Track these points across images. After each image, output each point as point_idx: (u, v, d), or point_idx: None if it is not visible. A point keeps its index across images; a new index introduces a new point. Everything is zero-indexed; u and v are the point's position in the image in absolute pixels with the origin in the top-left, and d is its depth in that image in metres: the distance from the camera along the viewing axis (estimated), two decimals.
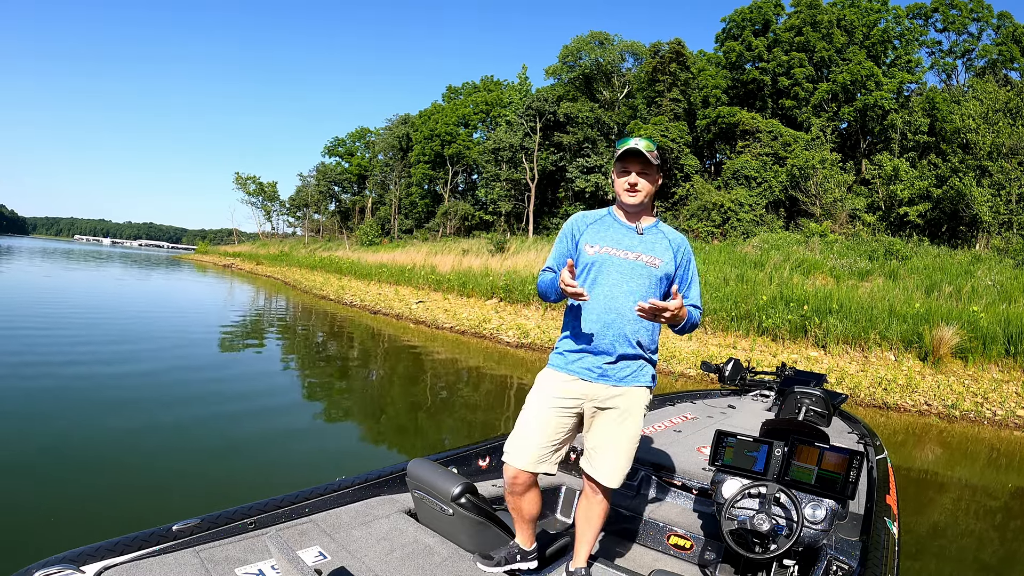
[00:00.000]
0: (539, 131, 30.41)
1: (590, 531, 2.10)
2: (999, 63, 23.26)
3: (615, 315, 2.00)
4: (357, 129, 54.21)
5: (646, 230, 2.10)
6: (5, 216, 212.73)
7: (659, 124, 24.26)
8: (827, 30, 23.62)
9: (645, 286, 2.02)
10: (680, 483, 2.90)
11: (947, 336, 8.90)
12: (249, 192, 59.43)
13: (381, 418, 6.66)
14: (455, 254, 22.73)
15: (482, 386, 8.42)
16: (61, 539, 3.16)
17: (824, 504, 2.18)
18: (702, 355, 9.89)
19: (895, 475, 3.01)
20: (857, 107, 22.69)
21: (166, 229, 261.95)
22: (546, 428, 2.04)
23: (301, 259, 35.20)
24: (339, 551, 1.95)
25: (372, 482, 2.42)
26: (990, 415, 7.76)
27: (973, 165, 18.32)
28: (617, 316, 2.00)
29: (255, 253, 45.90)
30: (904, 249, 15.67)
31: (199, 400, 6.34)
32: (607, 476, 2.03)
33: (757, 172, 22.21)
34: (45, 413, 5.34)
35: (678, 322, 1.96)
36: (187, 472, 4.33)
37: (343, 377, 8.56)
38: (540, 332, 12.17)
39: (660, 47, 26.27)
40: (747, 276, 13.61)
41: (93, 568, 1.59)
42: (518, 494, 2.07)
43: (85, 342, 8.88)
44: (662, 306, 1.85)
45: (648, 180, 2.05)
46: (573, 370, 2.06)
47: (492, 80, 43.05)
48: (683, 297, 2.05)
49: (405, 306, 16.37)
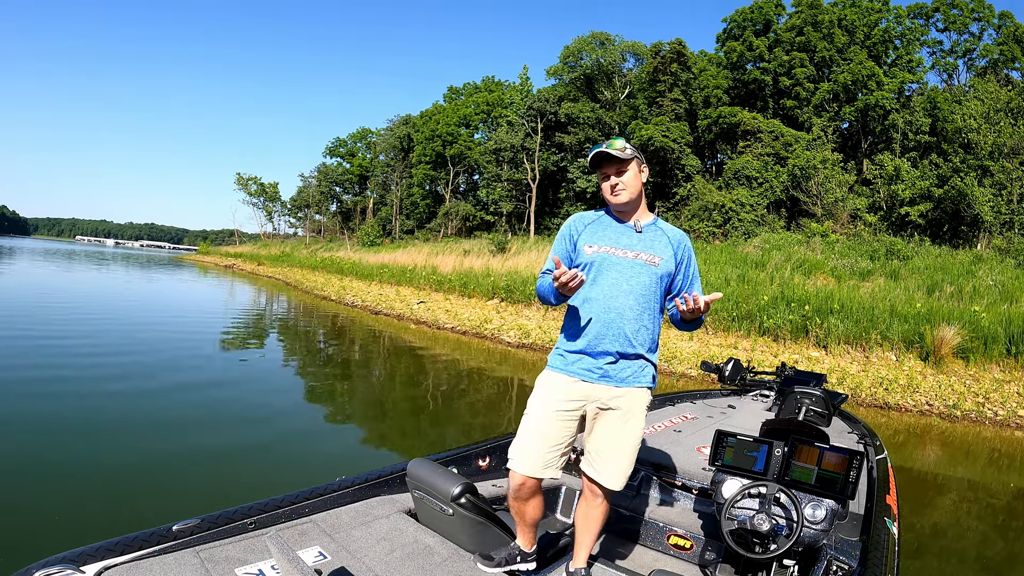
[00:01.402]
0: (540, 131, 30.40)
1: (589, 533, 2.09)
2: (1000, 63, 23.22)
3: (615, 315, 1.99)
4: (358, 130, 54.25)
5: (645, 228, 2.09)
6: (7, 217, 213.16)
7: (660, 124, 24.25)
8: (828, 30, 23.60)
9: (645, 285, 2.00)
10: (680, 483, 2.90)
11: (948, 336, 8.89)
12: (250, 193, 59.47)
13: (382, 418, 6.66)
14: (456, 254, 22.74)
15: (483, 387, 8.42)
16: (61, 539, 3.16)
17: (824, 504, 2.18)
18: (703, 355, 9.88)
19: (896, 475, 3.00)
20: (858, 107, 22.67)
21: (168, 230, 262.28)
22: (550, 433, 2.03)
23: (302, 260, 35.23)
24: (339, 551, 1.95)
25: (372, 482, 2.42)
26: (991, 415, 7.74)
27: (974, 165, 18.30)
28: (617, 316, 1.99)
29: (256, 254, 45.93)
30: (905, 249, 15.65)
31: (200, 400, 6.34)
32: (611, 479, 2.02)
33: (758, 172, 22.19)
34: (46, 413, 5.35)
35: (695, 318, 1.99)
36: (187, 472, 4.34)
37: (344, 377, 8.56)
38: (541, 332, 12.17)
39: (661, 47, 26.25)
40: (748, 276, 13.60)
41: (93, 568, 1.59)
42: (523, 499, 2.06)
43: (86, 342, 8.89)
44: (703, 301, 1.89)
45: (629, 177, 2.02)
46: (573, 372, 2.04)
47: (493, 80, 43.06)
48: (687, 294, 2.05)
49: (406, 306, 16.38)
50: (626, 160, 2.00)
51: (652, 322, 2.05)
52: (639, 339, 2.02)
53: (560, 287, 1.88)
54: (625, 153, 1.99)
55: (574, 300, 2.06)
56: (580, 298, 2.04)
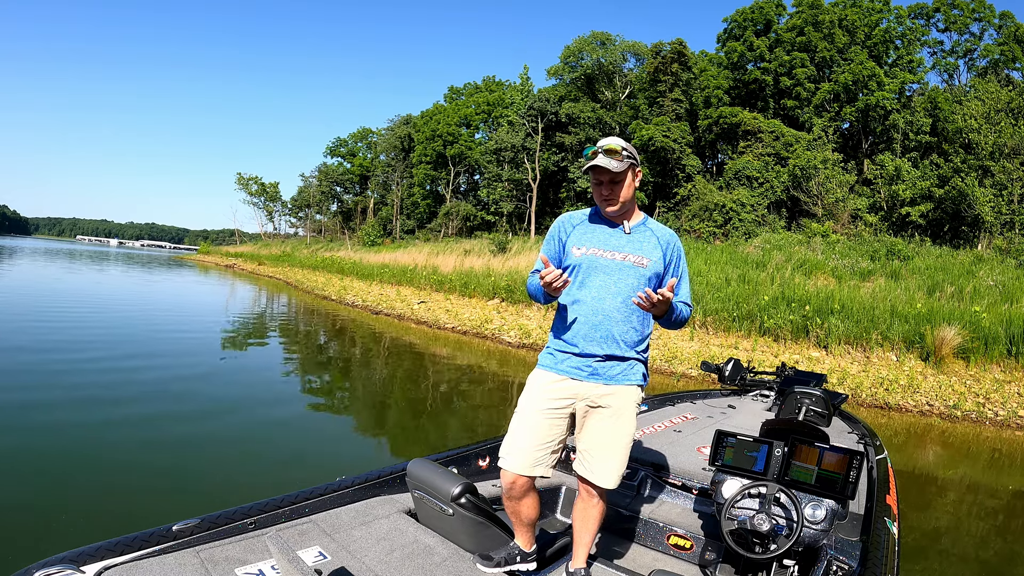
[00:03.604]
0: (541, 131, 30.41)
1: (587, 533, 2.09)
2: (1001, 63, 23.22)
3: (603, 316, 2.00)
4: (359, 129, 54.23)
5: (633, 229, 2.08)
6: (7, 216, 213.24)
7: (661, 124, 24.24)
8: (829, 30, 23.59)
9: (633, 286, 2.01)
10: (680, 483, 2.90)
11: (949, 336, 8.88)
12: (251, 192, 59.46)
13: (382, 418, 6.66)
14: (457, 254, 22.73)
15: (483, 386, 8.42)
16: (61, 539, 3.17)
17: (824, 504, 2.18)
18: (703, 355, 9.87)
19: (896, 475, 3.00)
20: (859, 107, 22.66)
21: (168, 229, 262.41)
22: (539, 431, 2.03)
23: (303, 259, 35.22)
24: (339, 551, 1.95)
25: (372, 482, 2.42)
26: (992, 416, 7.74)
27: (975, 165, 18.29)
28: (605, 318, 2.00)
29: (257, 254, 45.93)
30: (906, 249, 15.65)
31: (200, 400, 6.34)
32: (603, 477, 2.02)
33: (759, 172, 22.19)
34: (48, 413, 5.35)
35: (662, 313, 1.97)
36: (187, 472, 4.34)
37: (345, 377, 8.56)
38: (542, 332, 12.17)
39: (662, 47, 26.24)
40: (749, 276, 13.59)
41: (93, 568, 1.59)
42: (516, 498, 2.06)
43: (87, 341, 8.90)
44: (656, 295, 1.88)
45: (621, 186, 2.01)
46: (563, 370, 2.05)
47: (494, 80, 43.06)
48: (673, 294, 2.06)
49: (407, 306, 16.38)
50: (620, 172, 1.98)
51: (641, 323, 2.06)
52: (628, 340, 2.03)
53: (546, 287, 1.94)
54: (620, 165, 1.96)
55: (563, 300, 2.07)
56: (569, 299, 2.05)
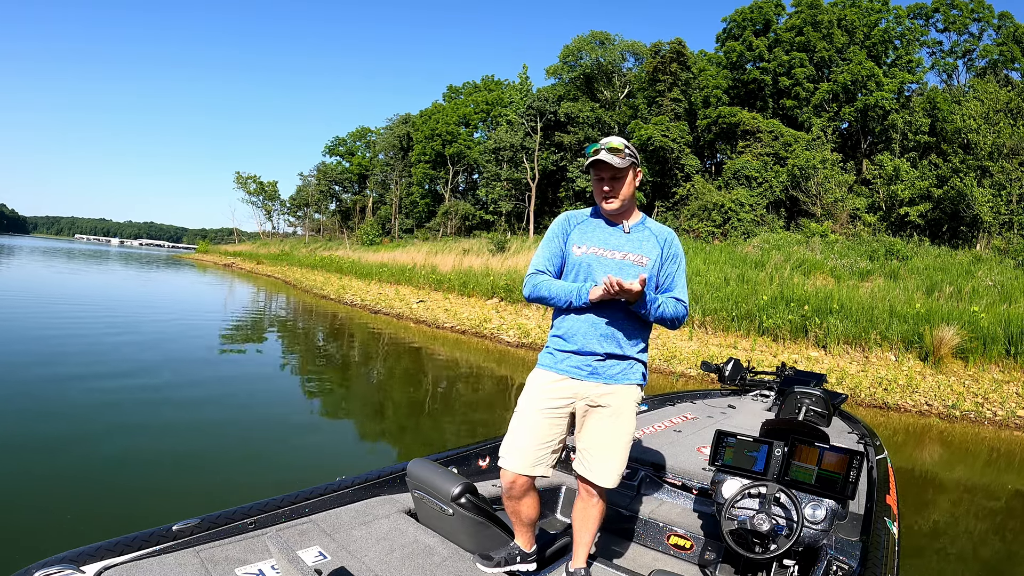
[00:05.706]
0: (540, 131, 30.41)
1: (587, 533, 2.09)
2: (1000, 63, 23.26)
3: (604, 316, 2.00)
4: (358, 129, 54.21)
5: (633, 228, 2.09)
6: (5, 215, 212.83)
7: (660, 124, 24.25)
8: (828, 30, 23.61)
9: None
10: (680, 483, 2.90)
11: (948, 336, 8.90)
12: (249, 191, 59.40)
13: (381, 418, 6.66)
14: (456, 254, 22.72)
15: (483, 386, 8.42)
16: (61, 539, 3.16)
17: (824, 504, 2.18)
18: (702, 355, 9.88)
19: (895, 475, 3.00)
20: (858, 107, 22.69)
21: (167, 228, 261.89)
22: (539, 430, 2.03)
23: (302, 258, 35.18)
24: (339, 551, 1.95)
25: (372, 482, 2.42)
26: (990, 415, 7.75)
27: (974, 165, 18.32)
28: (605, 317, 2.00)
29: (255, 252, 45.89)
30: (905, 249, 15.67)
31: (199, 400, 6.33)
32: (603, 477, 2.02)
33: (758, 172, 22.21)
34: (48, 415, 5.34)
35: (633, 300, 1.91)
36: (187, 472, 4.33)
37: (344, 377, 8.56)
38: (540, 332, 12.17)
39: (661, 47, 26.25)
40: (748, 276, 13.60)
41: (93, 568, 1.59)
42: (516, 498, 2.06)
43: (88, 340, 8.88)
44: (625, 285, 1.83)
45: (622, 183, 2.02)
46: (562, 369, 2.05)
47: (493, 80, 43.04)
48: (667, 289, 2.06)
49: (406, 305, 16.37)
50: (623, 168, 1.99)
51: (641, 323, 2.06)
52: (628, 340, 2.03)
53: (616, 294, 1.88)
54: (623, 162, 1.97)
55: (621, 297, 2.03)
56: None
